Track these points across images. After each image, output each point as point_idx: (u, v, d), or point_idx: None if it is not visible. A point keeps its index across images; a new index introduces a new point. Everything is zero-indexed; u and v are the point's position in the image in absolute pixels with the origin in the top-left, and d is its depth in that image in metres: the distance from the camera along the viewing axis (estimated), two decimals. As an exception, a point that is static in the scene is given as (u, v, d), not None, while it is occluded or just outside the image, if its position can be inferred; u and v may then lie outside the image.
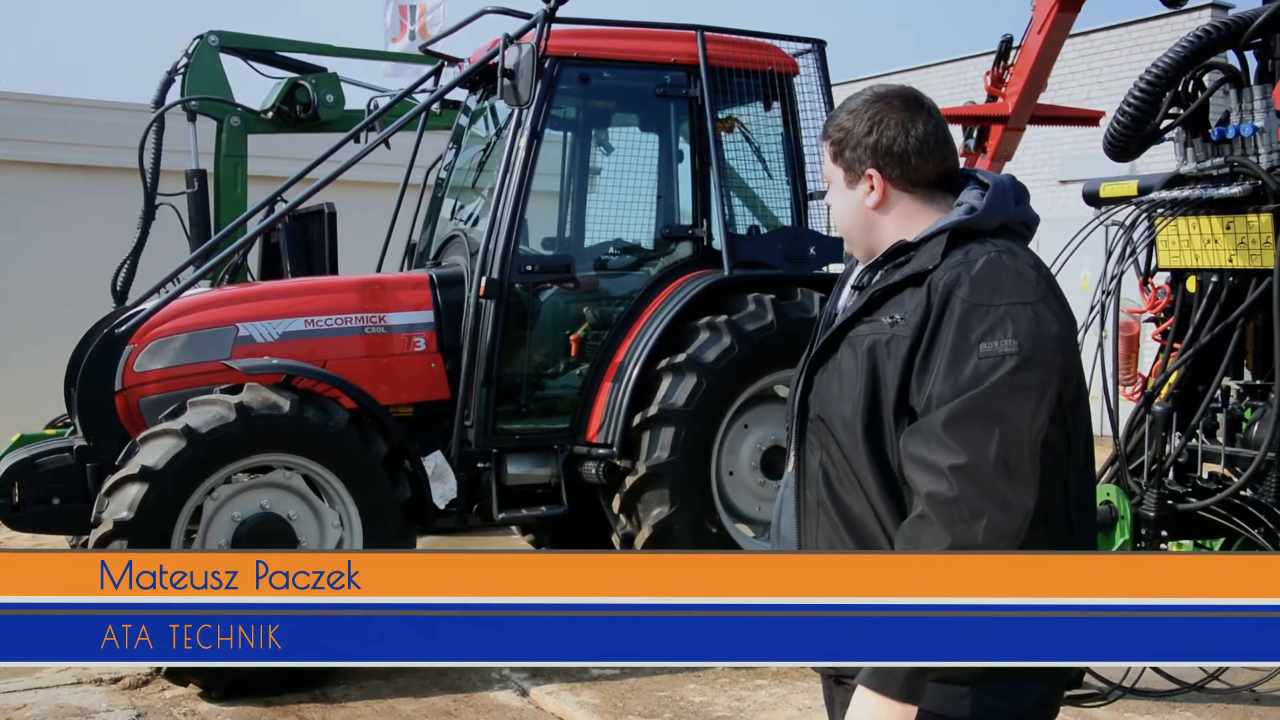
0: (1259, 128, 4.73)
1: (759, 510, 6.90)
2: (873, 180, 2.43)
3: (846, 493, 2.37)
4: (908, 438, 2.26)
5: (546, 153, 6.82)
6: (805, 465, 2.47)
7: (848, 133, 2.45)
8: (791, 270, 6.88)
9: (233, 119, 9.04)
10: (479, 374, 6.46)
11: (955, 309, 2.24)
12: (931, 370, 2.24)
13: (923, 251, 2.35)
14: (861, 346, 2.34)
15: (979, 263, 2.28)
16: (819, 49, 7.24)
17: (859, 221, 2.49)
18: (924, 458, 2.22)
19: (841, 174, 2.48)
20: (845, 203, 2.49)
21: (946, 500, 2.18)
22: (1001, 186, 2.41)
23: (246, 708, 5.60)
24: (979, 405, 2.19)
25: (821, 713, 5.66)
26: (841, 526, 2.38)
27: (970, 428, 2.18)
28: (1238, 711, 5.48)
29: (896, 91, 2.45)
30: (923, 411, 2.25)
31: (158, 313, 6.16)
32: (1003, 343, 2.21)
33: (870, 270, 2.48)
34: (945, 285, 2.26)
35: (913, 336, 2.27)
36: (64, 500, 6.11)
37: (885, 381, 2.30)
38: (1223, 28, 4.64)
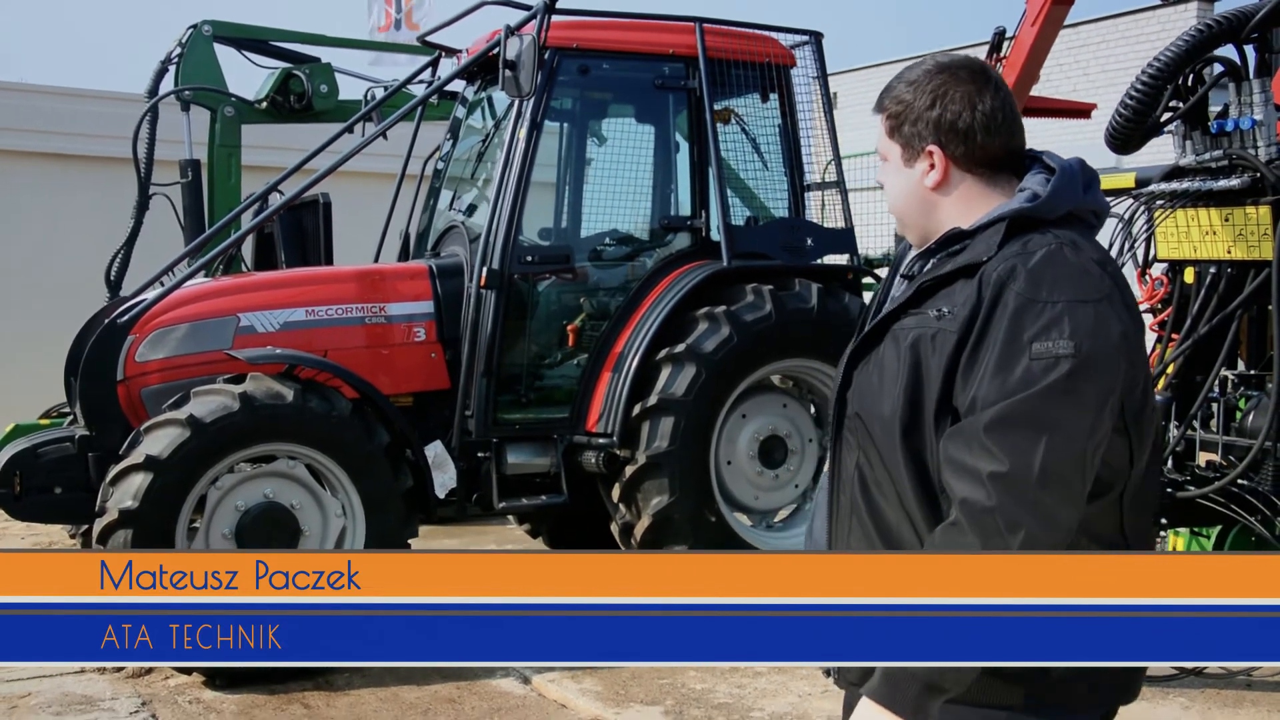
0: (1258, 121, 4.80)
1: (756, 500, 6.96)
2: (934, 158, 2.24)
3: (882, 498, 2.21)
4: (948, 440, 2.09)
5: (545, 144, 6.85)
6: (841, 466, 2.30)
7: (908, 106, 2.25)
8: (789, 261, 6.92)
9: (227, 109, 9.03)
10: (479, 364, 6.50)
11: (1008, 304, 2.06)
12: (978, 369, 2.07)
13: (978, 241, 2.18)
14: (905, 341, 2.17)
15: (1037, 255, 2.09)
16: (816, 41, 7.29)
17: (916, 203, 2.30)
18: (963, 462, 2.05)
19: (899, 151, 2.29)
20: (901, 182, 2.31)
21: (983, 509, 2.01)
22: (1069, 171, 2.22)
23: (250, 696, 5.62)
24: (1027, 410, 2.02)
25: (821, 699, 5.73)
26: (875, 535, 2.22)
27: (1015, 434, 2.01)
28: (1230, 697, 5.55)
29: (962, 63, 2.27)
30: (966, 413, 2.08)
31: (159, 303, 6.17)
32: (1058, 343, 2.02)
33: (922, 258, 2.32)
34: (998, 278, 2.08)
35: (960, 332, 2.09)
36: (65, 490, 6.13)
37: (928, 379, 2.14)
38: (1223, 22, 4.70)
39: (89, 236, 10.92)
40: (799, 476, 7.01)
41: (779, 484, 6.97)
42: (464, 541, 8.86)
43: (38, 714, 5.37)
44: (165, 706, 5.49)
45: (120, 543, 5.49)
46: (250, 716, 5.39)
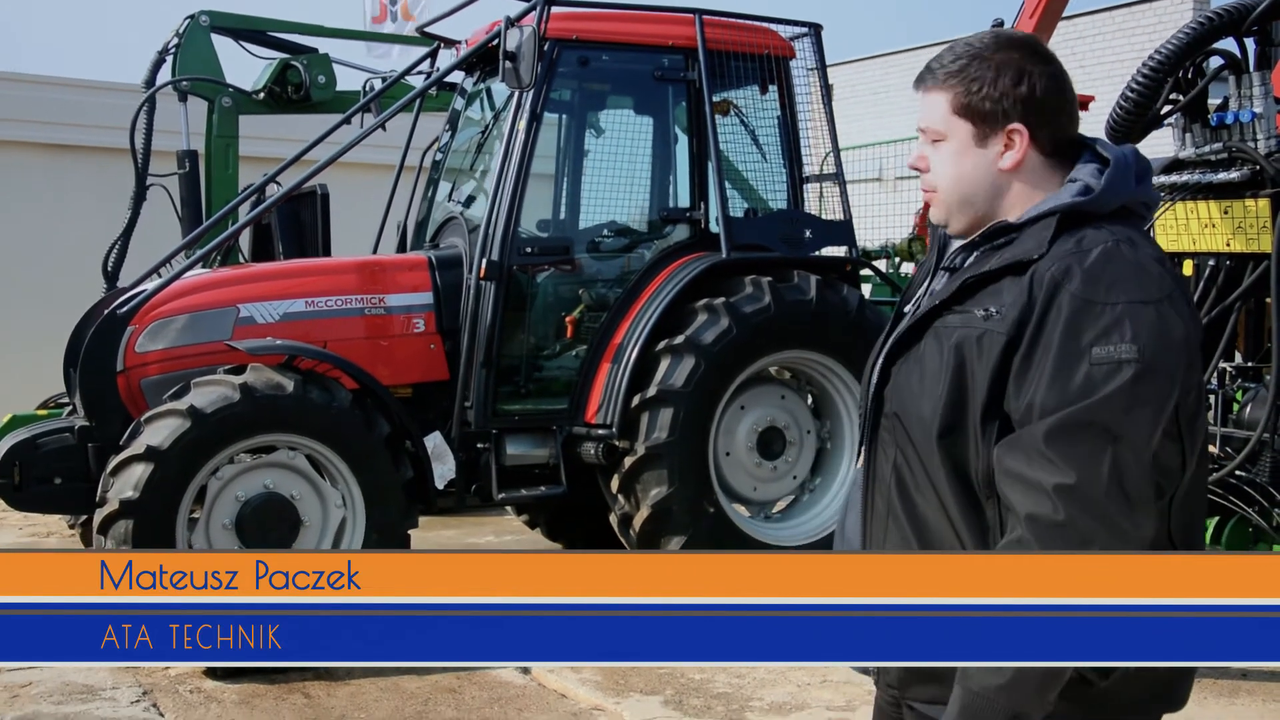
0: (1257, 114, 4.81)
1: (754, 491, 6.98)
2: (1016, 138, 2.11)
3: (921, 499, 2.12)
4: (1004, 451, 2.00)
5: (544, 135, 6.85)
6: (876, 466, 2.21)
7: (985, 81, 2.10)
8: (788, 253, 6.93)
9: (224, 99, 9.01)
10: (479, 355, 6.50)
11: (1063, 305, 1.96)
12: (1032, 375, 1.97)
13: (1027, 235, 2.07)
14: (949, 340, 2.07)
15: (1094, 252, 1.99)
16: (815, 33, 7.29)
17: (985, 186, 2.15)
18: (1023, 474, 1.95)
19: (967, 129, 2.13)
20: (969, 162, 2.15)
21: (1052, 525, 1.92)
22: (1124, 162, 2.11)
23: (251, 685, 5.63)
24: (1091, 419, 1.92)
25: (820, 689, 5.75)
26: (913, 537, 2.13)
27: (1080, 444, 1.92)
28: (1226, 687, 5.58)
29: (1029, 40, 2.15)
30: (1021, 420, 1.99)
31: (159, 294, 6.17)
32: (1120, 347, 1.93)
33: (964, 251, 2.20)
34: (1052, 278, 1.98)
35: (1009, 334, 1.99)
36: (65, 480, 6.12)
37: (973, 382, 2.04)
38: (1224, 15, 4.71)
39: (85, 227, 10.91)
40: (797, 468, 7.03)
41: (777, 475, 6.99)
42: (462, 532, 8.89)
43: (39, 703, 5.38)
44: (166, 696, 5.50)
45: (121, 533, 5.50)
46: (251, 706, 5.41)
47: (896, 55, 19.03)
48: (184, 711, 5.33)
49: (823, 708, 5.47)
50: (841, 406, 7.02)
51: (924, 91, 2.20)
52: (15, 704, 5.37)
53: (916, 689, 2.18)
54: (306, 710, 5.37)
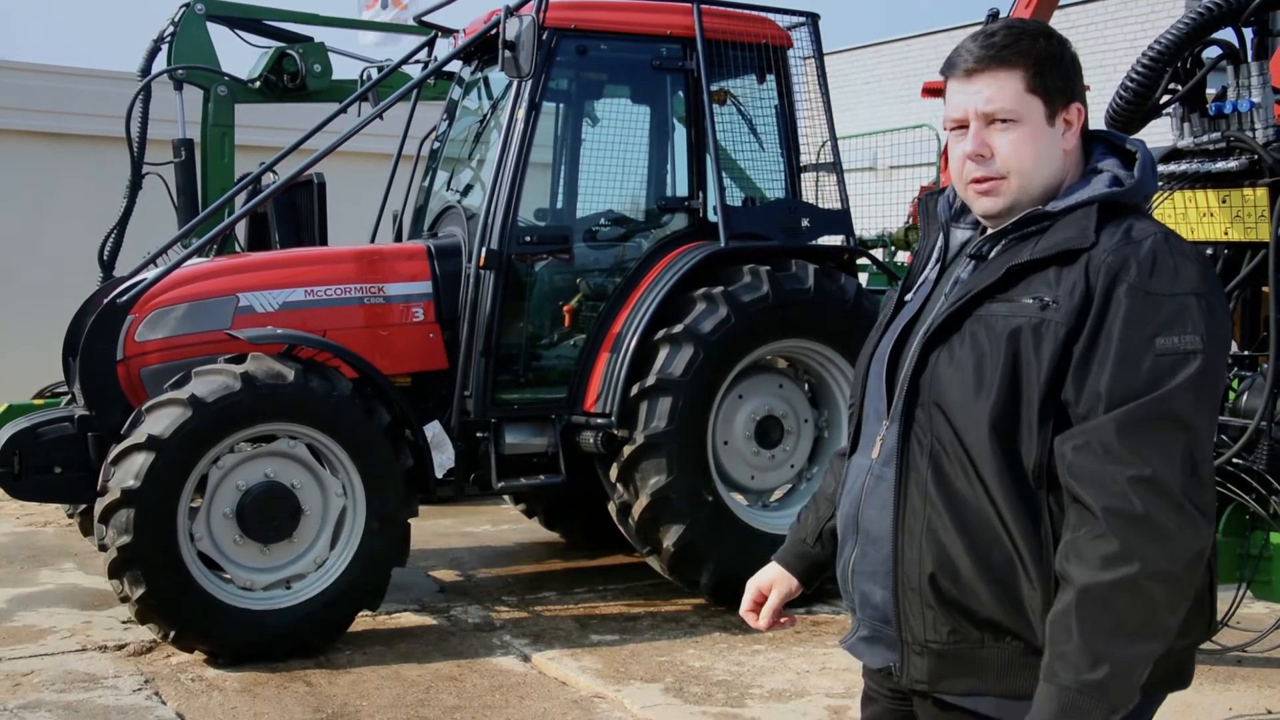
0: (1256, 103, 4.83)
1: (752, 479, 7.00)
2: (1076, 116, 2.16)
3: (963, 488, 2.12)
4: (1070, 442, 2.01)
5: (543, 124, 6.85)
6: (909, 456, 2.19)
7: (1056, 58, 2.13)
8: (786, 242, 6.94)
9: (220, 88, 9.02)
10: (478, 344, 6.51)
11: (1123, 297, 1.99)
12: (1096, 365, 1.99)
13: (1066, 224, 2.09)
14: (999, 329, 2.08)
15: (1146, 243, 2.03)
16: (813, 22, 7.29)
17: (1053, 167, 2.17)
18: (1094, 468, 1.97)
19: (1039, 107, 2.14)
20: (1046, 143, 2.15)
21: (1133, 517, 1.95)
22: (1149, 158, 2.16)
23: (253, 674, 5.65)
24: (1162, 410, 1.95)
25: (819, 677, 5.78)
26: (952, 525, 2.12)
27: (1153, 435, 1.95)
28: (1221, 673, 5.62)
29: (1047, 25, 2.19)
30: (1084, 411, 2.01)
31: (158, 283, 6.17)
32: (1184, 339, 1.97)
33: (991, 240, 2.22)
34: (1109, 268, 2.01)
35: (1070, 324, 2.01)
36: (65, 469, 6.13)
37: (1029, 372, 2.05)
38: (1223, 5, 4.73)
39: (79, 216, 10.88)
40: (795, 456, 7.05)
41: (775, 464, 7.01)
42: (459, 521, 8.91)
43: (41, 691, 5.39)
44: (168, 684, 5.51)
45: (123, 522, 5.51)
46: (253, 694, 5.42)
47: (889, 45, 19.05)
48: (186, 700, 5.34)
49: (822, 694, 5.50)
50: (839, 395, 7.04)
51: (978, 75, 2.16)
52: (18, 692, 5.38)
53: (950, 682, 2.18)
54: (309, 698, 5.38)
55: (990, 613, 2.11)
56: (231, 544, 5.84)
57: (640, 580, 7.32)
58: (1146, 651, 1.96)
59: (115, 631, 6.22)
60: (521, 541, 8.51)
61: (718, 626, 6.50)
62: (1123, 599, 1.94)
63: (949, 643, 2.16)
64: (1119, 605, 1.94)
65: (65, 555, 7.80)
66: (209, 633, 5.72)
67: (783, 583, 2.58)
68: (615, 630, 6.44)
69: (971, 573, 2.11)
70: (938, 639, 2.17)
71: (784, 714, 5.28)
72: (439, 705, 5.33)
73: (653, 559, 6.73)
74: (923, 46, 18.29)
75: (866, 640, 2.33)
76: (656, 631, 6.42)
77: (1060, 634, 1.99)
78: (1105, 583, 1.95)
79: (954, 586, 2.13)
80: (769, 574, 2.61)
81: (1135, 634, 1.95)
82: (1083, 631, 1.96)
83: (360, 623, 6.21)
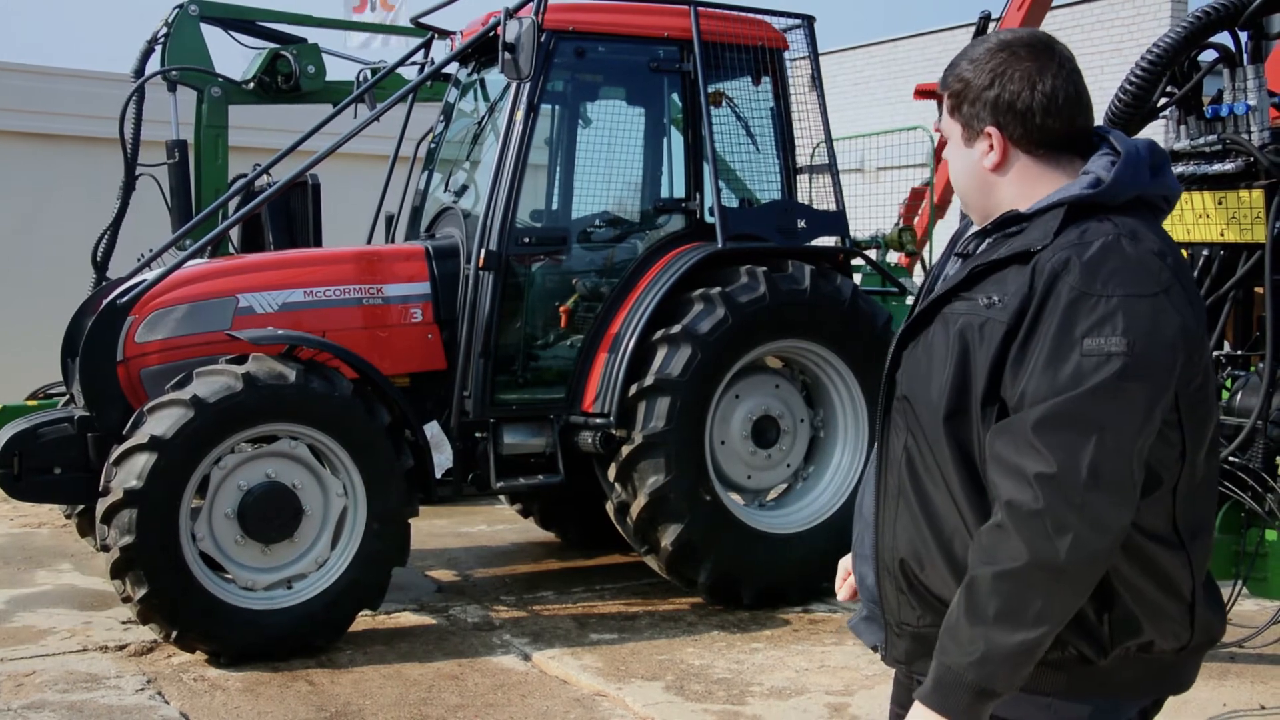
0: (1251, 106, 4.90)
1: (749, 479, 7.03)
2: (992, 139, 2.20)
3: (929, 482, 2.18)
4: (994, 436, 2.06)
5: (540, 126, 6.89)
6: (888, 447, 2.28)
7: (967, 84, 2.21)
8: (783, 243, 6.98)
9: (213, 89, 9.00)
10: (477, 345, 6.53)
11: (1061, 296, 2.01)
12: (1027, 363, 2.02)
13: (1035, 226, 2.12)
14: (954, 326, 2.14)
15: (1094, 245, 2.03)
16: (808, 24, 7.34)
17: (975, 182, 2.26)
18: (1009, 461, 2.01)
19: (959, 130, 2.26)
20: (961, 161, 2.28)
21: (1029, 512, 1.98)
22: (1134, 155, 2.15)
23: (255, 673, 5.67)
24: (1076, 410, 1.97)
25: (818, 674, 5.82)
26: (921, 517, 2.19)
27: (1063, 433, 1.97)
28: (1215, 669, 5.68)
29: (1025, 39, 2.20)
30: (1014, 408, 2.04)
31: (158, 284, 6.18)
32: (1110, 340, 1.97)
33: (976, 239, 2.28)
34: (1052, 269, 2.03)
35: (1009, 322, 2.05)
36: (65, 470, 6.14)
37: (975, 368, 2.10)
38: (1221, 9, 4.79)
39: (71, 217, 10.86)
40: (791, 456, 7.09)
41: (771, 463, 7.05)
42: (454, 521, 8.93)
43: (44, 691, 5.39)
44: (170, 684, 5.52)
45: (125, 522, 5.52)
46: (255, 694, 5.44)
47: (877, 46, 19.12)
48: (189, 699, 5.35)
49: (821, 691, 5.54)
50: (834, 395, 7.08)
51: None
52: (20, 692, 5.38)
53: (922, 663, 2.25)
54: (312, 697, 5.40)
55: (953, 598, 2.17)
56: (233, 544, 5.86)
57: (637, 579, 7.36)
58: (1022, 640, 1.99)
59: (115, 632, 6.22)
60: (517, 541, 8.54)
61: (715, 625, 6.54)
62: (1006, 588, 2.00)
63: (919, 626, 2.24)
64: (1002, 593, 2.00)
65: (61, 556, 7.79)
66: (211, 633, 5.73)
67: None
68: (614, 629, 6.47)
69: (936, 561, 2.18)
70: (910, 621, 2.26)
71: (785, 711, 5.32)
72: (442, 704, 5.36)
73: (650, 558, 6.76)
74: (911, 48, 18.37)
75: (865, 620, 2.45)
76: (655, 630, 6.46)
77: (950, 615, 2.07)
78: (993, 571, 2.01)
79: (921, 573, 2.21)
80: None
81: (1013, 623, 1.99)
82: (967, 615, 2.03)
83: (360, 622, 6.23)
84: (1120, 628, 2.10)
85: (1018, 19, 8.49)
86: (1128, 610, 2.10)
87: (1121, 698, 2.17)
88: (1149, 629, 2.11)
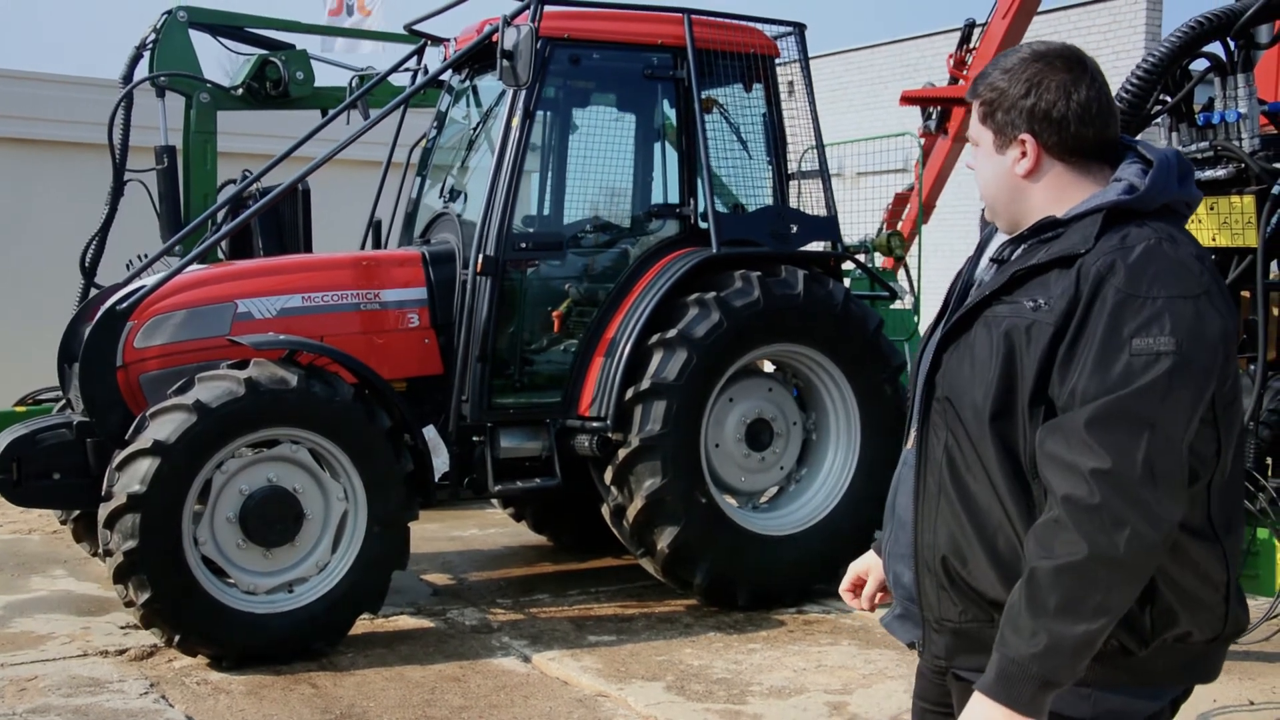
0: (1242, 114, 5.00)
1: (742, 481, 7.10)
2: (1025, 146, 2.28)
3: (972, 480, 2.26)
4: (1046, 434, 2.14)
5: (536, 132, 6.94)
6: (928, 447, 2.35)
7: (1001, 93, 2.29)
8: (776, 248, 7.06)
9: (202, 95, 9.01)
10: (474, 349, 6.58)
11: (1107, 299, 2.09)
12: (1076, 363, 2.11)
13: (1073, 231, 2.21)
14: (998, 329, 2.21)
15: (1137, 249, 2.12)
16: (799, 32, 7.42)
17: (1006, 189, 2.34)
18: (1063, 457, 2.09)
19: (991, 137, 2.33)
20: (992, 168, 2.34)
21: (1087, 507, 2.06)
22: (1166, 164, 2.25)
23: (258, 676, 5.69)
24: (1128, 407, 2.06)
25: (815, 674, 5.88)
26: (963, 514, 2.27)
27: (1117, 430, 2.06)
28: (1205, 667, 5.77)
29: (1058, 51, 2.29)
30: (1064, 406, 2.12)
31: (157, 289, 6.19)
32: (1159, 340, 2.06)
33: (1012, 244, 2.35)
34: (1097, 272, 2.11)
35: (1057, 324, 2.13)
36: (64, 475, 6.14)
37: (1022, 369, 2.18)
38: (1213, 20, 4.89)
39: (54, 223, 10.84)
40: (784, 459, 7.16)
41: (764, 466, 7.12)
42: (446, 525, 8.96)
43: (48, 696, 5.40)
44: (174, 688, 5.54)
45: (129, 527, 5.54)
46: (259, 696, 5.46)
47: (854, 53, 19.24)
48: (194, 703, 5.38)
49: (820, 690, 5.61)
50: (827, 398, 7.16)
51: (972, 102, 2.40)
52: (24, 697, 5.39)
53: (963, 658, 2.33)
54: (315, 700, 5.43)
55: (996, 594, 2.24)
56: (235, 548, 5.88)
57: (632, 582, 7.41)
58: (1084, 631, 2.07)
59: (115, 637, 6.23)
60: (510, 545, 8.58)
61: (712, 626, 6.60)
62: (1067, 581, 2.07)
63: (961, 622, 2.32)
64: (1063, 586, 2.07)
65: (54, 562, 7.78)
66: (213, 636, 5.76)
67: (878, 569, 2.72)
68: (612, 631, 6.53)
69: (979, 558, 2.26)
70: (951, 618, 2.33)
71: (786, 710, 5.39)
72: (445, 705, 5.40)
73: (646, 561, 6.82)
74: (888, 54, 18.51)
75: (900, 618, 2.52)
76: (653, 632, 6.51)
77: (1011, 608, 2.14)
78: (1053, 565, 2.08)
79: (964, 570, 2.29)
80: (866, 561, 2.78)
81: (1075, 615, 2.07)
82: (1028, 608, 2.10)
83: (359, 626, 6.26)
84: (1161, 619, 2.19)
85: (1003, 27, 8.60)
86: (1167, 603, 2.18)
87: (1158, 687, 2.26)
88: (1186, 620, 2.20)
